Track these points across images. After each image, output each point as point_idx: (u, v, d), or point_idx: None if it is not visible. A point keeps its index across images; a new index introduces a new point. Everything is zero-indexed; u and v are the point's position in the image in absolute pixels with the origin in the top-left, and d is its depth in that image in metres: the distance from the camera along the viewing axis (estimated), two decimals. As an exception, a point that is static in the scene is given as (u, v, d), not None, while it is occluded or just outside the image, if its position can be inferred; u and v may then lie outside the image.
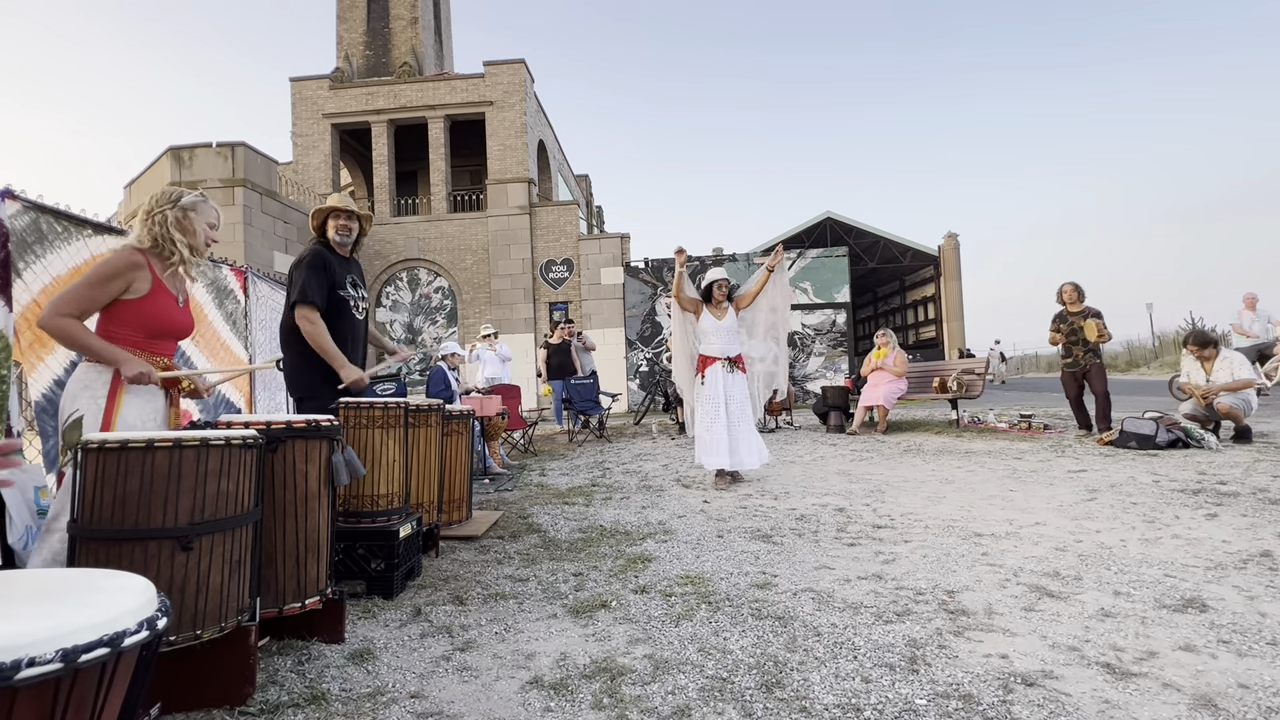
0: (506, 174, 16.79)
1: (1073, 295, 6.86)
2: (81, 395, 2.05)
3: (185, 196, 2.29)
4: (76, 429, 2.00)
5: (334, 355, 2.98)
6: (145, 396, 2.16)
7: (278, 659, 2.04)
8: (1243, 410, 5.76)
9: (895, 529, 3.41)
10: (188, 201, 2.30)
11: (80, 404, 2.04)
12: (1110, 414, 6.71)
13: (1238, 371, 5.91)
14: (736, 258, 15.69)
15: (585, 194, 27.58)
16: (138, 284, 2.14)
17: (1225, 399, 5.76)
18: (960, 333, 24.76)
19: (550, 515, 4.14)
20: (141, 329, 2.18)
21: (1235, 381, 5.84)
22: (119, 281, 2.11)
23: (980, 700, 1.65)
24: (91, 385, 2.06)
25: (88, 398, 2.04)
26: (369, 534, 2.66)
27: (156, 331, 2.23)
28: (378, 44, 20.24)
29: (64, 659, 0.66)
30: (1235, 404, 5.75)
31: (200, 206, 2.32)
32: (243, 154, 13.23)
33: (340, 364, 2.99)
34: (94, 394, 2.05)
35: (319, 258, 3.06)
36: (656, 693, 1.76)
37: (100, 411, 2.04)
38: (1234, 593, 2.30)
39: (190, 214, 2.29)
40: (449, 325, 16.69)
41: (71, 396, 2.06)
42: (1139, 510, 3.55)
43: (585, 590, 2.64)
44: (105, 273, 2.10)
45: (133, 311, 2.15)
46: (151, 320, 2.19)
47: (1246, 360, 6.12)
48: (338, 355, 2.99)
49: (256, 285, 5.68)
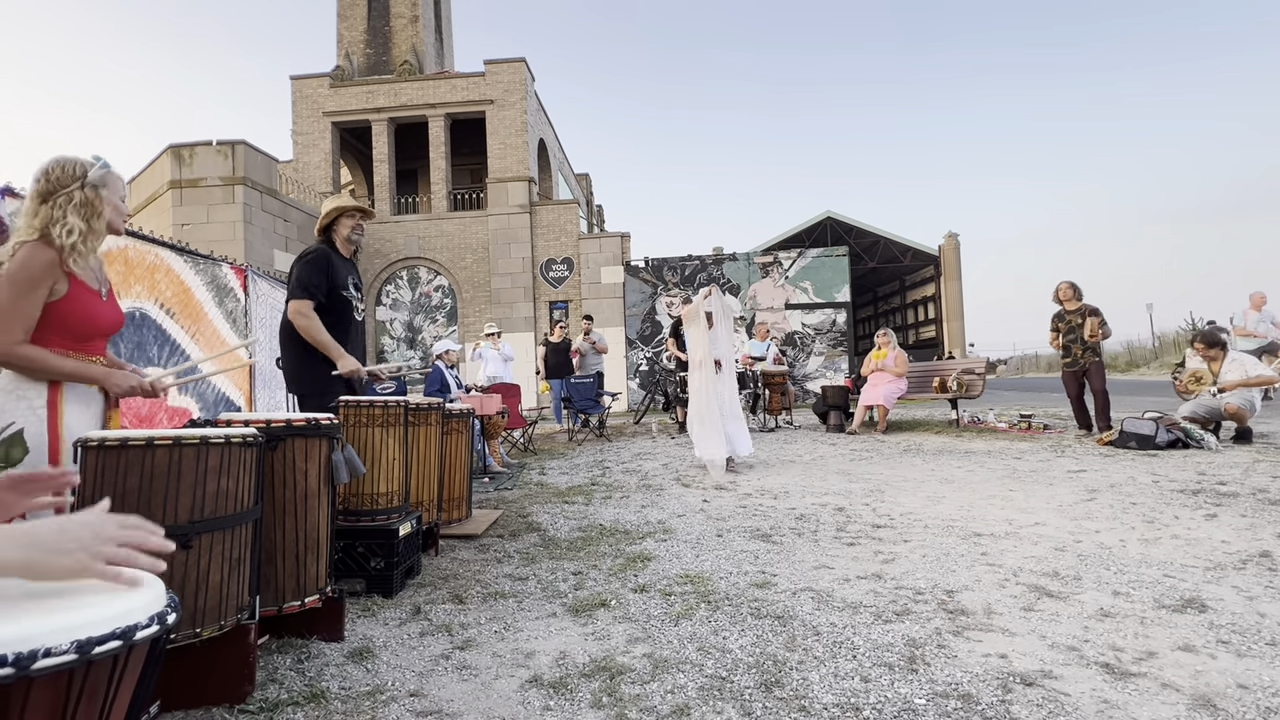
0: (507, 173, 16.79)
1: (1069, 294, 6.87)
2: (15, 406, 1.81)
3: (91, 169, 1.91)
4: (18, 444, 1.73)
5: (330, 345, 2.97)
6: (85, 400, 1.95)
7: (277, 657, 2.03)
8: (1248, 410, 5.75)
9: (895, 529, 3.41)
10: (96, 176, 1.91)
11: (15, 415, 1.79)
12: (1109, 412, 6.71)
13: (1251, 369, 5.85)
14: (737, 257, 15.69)
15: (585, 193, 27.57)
16: (57, 285, 1.86)
17: (1233, 399, 5.74)
18: (960, 333, 24.76)
19: (550, 514, 4.14)
20: (68, 333, 1.90)
21: (1255, 378, 5.76)
22: (44, 286, 1.82)
23: (979, 700, 1.65)
24: (26, 394, 1.82)
25: (24, 408, 1.81)
26: (369, 532, 2.66)
27: (85, 333, 1.95)
28: (378, 42, 20.23)
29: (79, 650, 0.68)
30: (1242, 404, 5.74)
31: (109, 180, 1.96)
32: (243, 152, 13.23)
33: (337, 354, 2.97)
34: (30, 403, 1.82)
35: (324, 256, 3.06)
36: (656, 692, 1.76)
37: (43, 423, 1.82)
38: (1233, 593, 2.30)
39: (100, 192, 1.92)
40: (449, 324, 16.68)
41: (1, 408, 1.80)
42: (1138, 510, 3.55)
43: (585, 589, 2.64)
44: (28, 277, 1.80)
45: (56, 316, 1.86)
46: (77, 322, 1.91)
47: (1256, 360, 6.11)
48: (334, 345, 2.97)
49: (256, 283, 5.68)
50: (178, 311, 5.61)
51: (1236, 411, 5.73)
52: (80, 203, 1.88)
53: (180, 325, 5.64)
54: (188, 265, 5.66)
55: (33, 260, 1.81)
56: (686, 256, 15.82)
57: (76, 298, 1.90)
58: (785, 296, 15.33)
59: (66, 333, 1.90)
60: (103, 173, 1.93)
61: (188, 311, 5.72)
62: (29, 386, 1.83)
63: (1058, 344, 6.98)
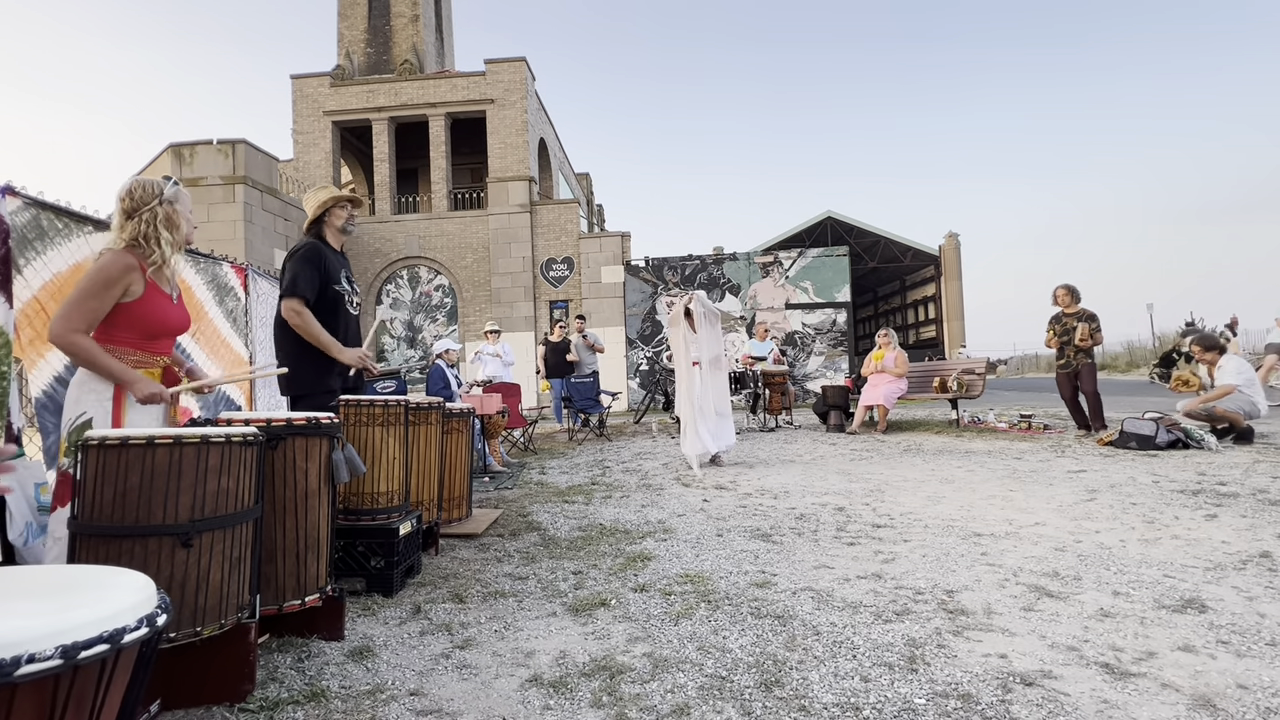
0: (507, 172, 16.78)
1: (1066, 298, 6.90)
2: (86, 397, 2.02)
3: (166, 188, 2.19)
4: (87, 429, 1.96)
5: (327, 342, 2.88)
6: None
7: (277, 656, 2.04)
8: (1242, 414, 5.75)
9: (895, 528, 3.41)
10: (171, 193, 2.20)
11: (86, 406, 2.01)
12: (1102, 413, 6.74)
13: (1220, 377, 6.01)
14: (737, 257, 15.69)
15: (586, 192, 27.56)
16: (134, 286, 2.08)
17: (1225, 403, 5.77)
18: (961, 333, 24.77)
19: (550, 513, 4.14)
20: (139, 332, 2.13)
21: (1211, 393, 5.98)
22: (118, 287, 2.05)
23: (979, 700, 1.65)
24: (96, 389, 2.03)
25: (93, 400, 2.02)
26: (369, 531, 2.66)
27: (154, 332, 2.18)
28: (379, 41, 20.22)
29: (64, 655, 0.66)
30: (1231, 408, 5.75)
31: (181, 196, 2.24)
32: (243, 151, 13.23)
33: (336, 350, 2.89)
34: (99, 396, 2.02)
35: (315, 251, 2.96)
36: (655, 691, 1.76)
37: (108, 415, 2.01)
38: (1233, 593, 2.30)
39: (176, 206, 2.20)
40: (449, 323, 16.68)
41: (75, 399, 2.04)
42: (1138, 511, 3.55)
43: (585, 589, 2.64)
44: (104, 279, 2.03)
45: (130, 315, 2.09)
46: (149, 322, 2.14)
47: (1243, 366, 6.08)
48: (331, 342, 2.89)
49: (257, 283, 5.67)
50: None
51: (1225, 415, 5.76)
52: (164, 218, 2.16)
53: (181, 324, 5.62)
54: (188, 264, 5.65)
55: (113, 265, 2.04)
56: (687, 256, 15.82)
57: (150, 300, 2.13)
58: (785, 296, 15.33)
59: (138, 331, 2.12)
60: (175, 190, 2.21)
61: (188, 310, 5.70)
62: (100, 383, 2.03)
63: (1054, 345, 7.00)
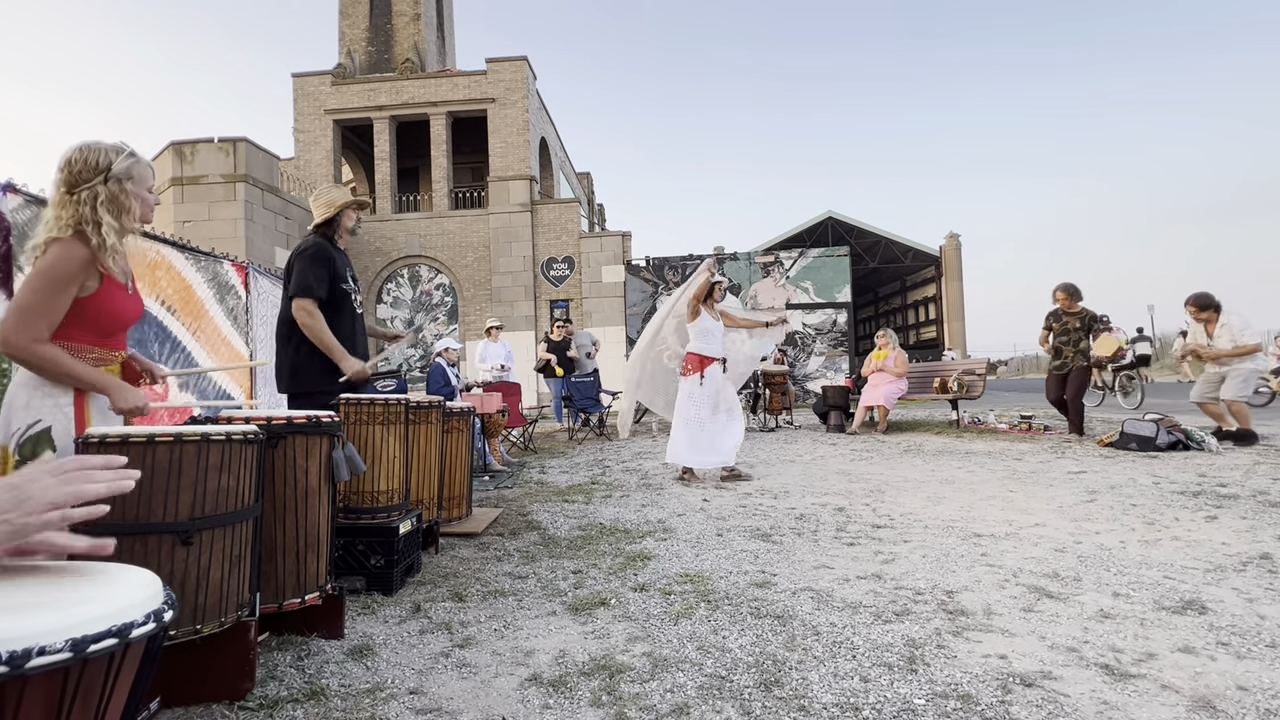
0: (508, 171, 16.79)
1: (1065, 299, 6.82)
2: (41, 403, 1.79)
3: (116, 162, 1.84)
4: (45, 442, 1.76)
5: (334, 348, 2.91)
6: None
7: (277, 654, 2.04)
8: (1246, 401, 5.68)
9: (895, 529, 3.41)
10: (121, 169, 1.84)
11: (42, 413, 1.79)
12: (1081, 421, 6.65)
13: (1238, 336, 5.54)
14: (738, 256, 15.69)
15: (587, 191, 27.56)
16: (89, 280, 1.82)
17: (1230, 392, 5.68)
18: (961, 333, 24.76)
19: (550, 513, 4.14)
20: (96, 329, 1.89)
21: (1238, 347, 5.52)
22: (75, 284, 1.79)
23: (979, 700, 1.65)
24: (52, 394, 1.80)
25: (50, 406, 1.80)
26: (369, 530, 2.66)
27: (112, 328, 1.94)
28: (380, 40, 20.22)
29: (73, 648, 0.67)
30: (1237, 395, 5.63)
31: (134, 171, 1.88)
32: (244, 149, 13.24)
33: (340, 356, 2.92)
34: (57, 401, 1.80)
35: (322, 250, 2.98)
36: (655, 690, 1.76)
37: (69, 421, 1.81)
38: (1233, 595, 2.30)
39: (126, 185, 1.85)
40: (450, 322, 16.69)
41: (25, 404, 1.79)
42: (1139, 512, 3.55)
43: (584, 588, 2.64)
44: (59, 276, 1.76)
45: (85, 311, 1.84)
46: (107, 317, 1.90)
47: (1250, 324, 5.72)
48: (338, 348, 2.92)
49: (258, 281, 5.68)
50: (179, 309, 5.62)
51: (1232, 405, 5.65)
52: (107, 199, 1.81)
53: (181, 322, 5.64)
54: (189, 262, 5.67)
55: (67, 259, 1.76)
56: (687, 256, 15.82)
57: (107, 294, 1.87)
58: (786, 296, 15.33)
59: (93, 328, 1.87)
60: (127, 164, 1.85)
61: (189, 309, 5.72)
62: (54, 385, 1.80)
63: (1048, 344, 6.91)
